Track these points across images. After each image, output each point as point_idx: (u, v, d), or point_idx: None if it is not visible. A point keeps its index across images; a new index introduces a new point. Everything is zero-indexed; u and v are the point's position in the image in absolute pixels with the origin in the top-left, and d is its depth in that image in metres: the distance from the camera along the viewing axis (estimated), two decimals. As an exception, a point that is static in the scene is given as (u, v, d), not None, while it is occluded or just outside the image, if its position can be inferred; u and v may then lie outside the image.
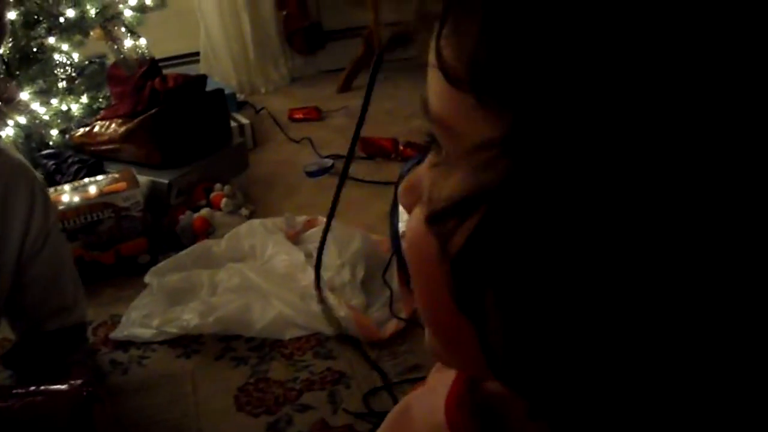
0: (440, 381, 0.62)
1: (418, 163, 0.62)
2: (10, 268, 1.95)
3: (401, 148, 3.53)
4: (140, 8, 3.62)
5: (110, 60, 3.55)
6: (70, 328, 2.16)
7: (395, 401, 1.69)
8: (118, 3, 3.48)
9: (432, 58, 0.43)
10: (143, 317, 2.44)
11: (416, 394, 0.71)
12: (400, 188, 0.54)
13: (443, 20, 0.42)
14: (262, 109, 4.20)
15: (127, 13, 3.56)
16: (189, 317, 2.36)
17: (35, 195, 1.94)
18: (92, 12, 3.30)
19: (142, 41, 3.49)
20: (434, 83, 0.44)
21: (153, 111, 3.06)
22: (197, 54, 4.62)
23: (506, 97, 0.39)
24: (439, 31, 0.43)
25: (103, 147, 3.15)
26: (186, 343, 2.35)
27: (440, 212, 0.43)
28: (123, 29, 3.44)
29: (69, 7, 3.27)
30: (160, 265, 2.65)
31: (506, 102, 0.39)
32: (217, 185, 3.07)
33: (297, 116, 4.16)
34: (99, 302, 2.58)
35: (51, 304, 2.10)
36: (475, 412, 0.57)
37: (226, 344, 2.33)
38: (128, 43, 3.44)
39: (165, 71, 3.36)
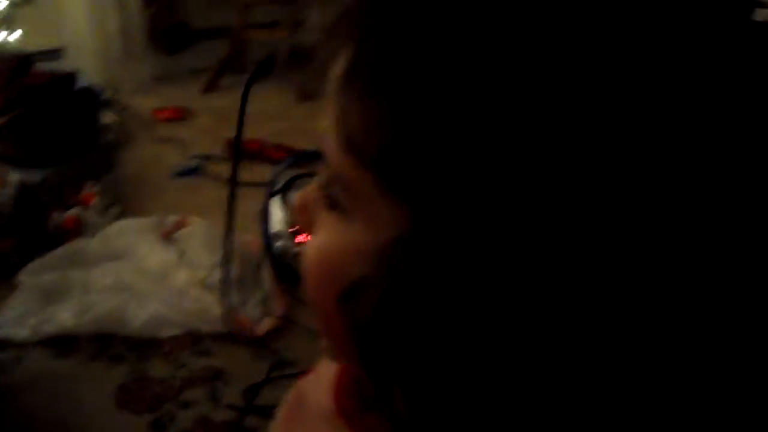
0: (329, 368, 0.70)
1: (291, 165, 0.69)
2: None
3: (267, 148, 3.59)
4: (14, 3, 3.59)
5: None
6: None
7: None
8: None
9: (332, 110, 0.48)
10: (18, 317, 2.44)
11: (308, 380, 0.78)
12: (295, 206, 0.59)
13: (350, 78, 0.48)
14: (127, 107, 4.19)
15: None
16: (65, 316, 2.37)
17: None
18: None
19: (15, 35, 3.47)
20: (332, 139, 0.49)
21: (22, 108, 3.04)
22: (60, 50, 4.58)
23: (408, 191, 0.44)
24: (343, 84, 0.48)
25: (-31, 144, 3.11)
26: (63, 343, 2.36)
27: (346, 293, 0.49)
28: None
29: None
30: (32, 264, 2.64)
31: (407, 195, 0.44)
32: (87, 184, 3.07)
33: (163, 116, 4.18)
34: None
35: None
36: (360, 397, 0.65)
37: (103, 343, 2.35)
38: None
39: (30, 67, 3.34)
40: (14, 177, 2.89)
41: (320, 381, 0.71)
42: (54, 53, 4.43)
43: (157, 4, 4.76)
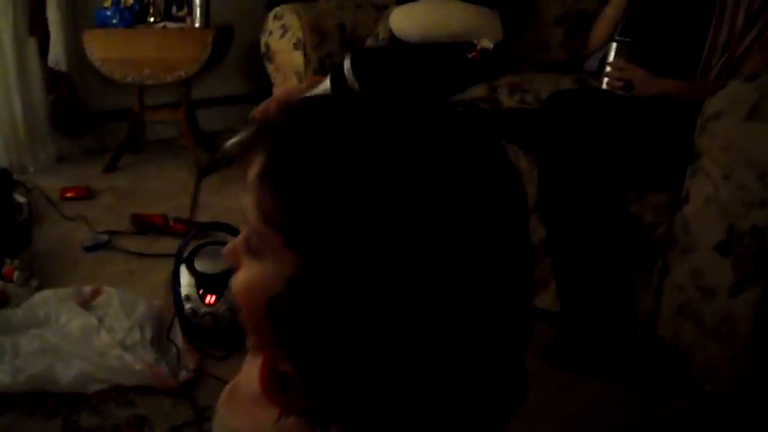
0: (255, 362, 1.03)
1: (195, 236, 1.00)
2: None
3: (171, 223, 3.89)
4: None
5: None
6: None
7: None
8: None
9: (252, 194, 0.80)
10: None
11: (241, 373, 1.11)
12: (226, 252, 0.89)
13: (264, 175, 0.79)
14: (35, 188, 4.42)
15: None
16: (2, 377, 2.61)
17: None
18: None
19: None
20: (253, 212, 0.80)
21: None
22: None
23: (300, 247, 0.76)
24: (260, 179, 0.79)
25: None
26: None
27: (268, 306, 0.80)
28: None
29: None
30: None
31: (299, 249, 0.76)
32: (6, 260, 3.32)
33: (69, 195, 4.43)
34: None
35: None
36: (276, 377, 0.97)
37: (38, 400, 2.58)
38: None
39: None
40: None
41: (250, 372, 1.04)
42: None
43: (59, 88, 5.00)
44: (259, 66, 5.17)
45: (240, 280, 0.84)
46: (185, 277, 2.89)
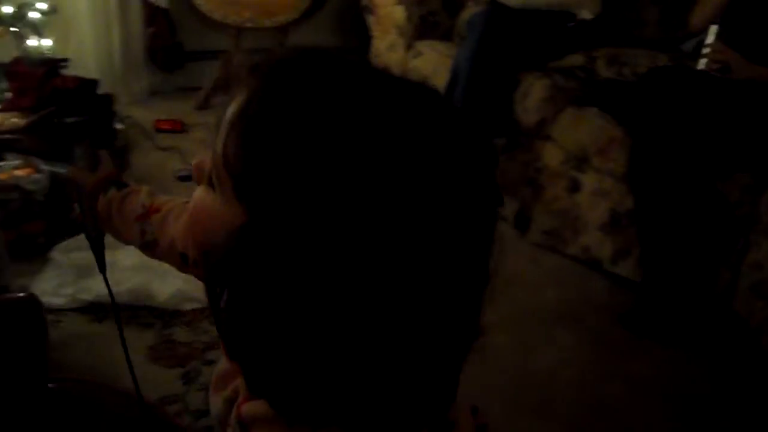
0: None
1: None
2: None
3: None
4: (51, 11, 3.95)
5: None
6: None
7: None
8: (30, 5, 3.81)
9: (221, 134, 0.75)
10: (54, 287, 2.78)
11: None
12: (193, 164, 0.86)
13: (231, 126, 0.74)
14: (128, 117, 4.53)
15: (34, 15, 3.88)
16: (101, 287, 2.72)
17: None
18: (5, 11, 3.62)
19: (46, 42, 3.83)
20: (218, 150, 0.76)
21: (53, 108, 3.39)
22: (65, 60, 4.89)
23: (248, 200, 0.72)
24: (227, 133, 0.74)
25: (3, 137, 3.42)
26: (96, 310, 2.70)
27: (207, 252, 0.78)
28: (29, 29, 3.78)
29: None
30: (64, 243, 3.00)
31: (247, 202, 0.72)
32: (106, 180, 3.43)
33: (163, 127, 4.56)
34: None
35: None
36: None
37: (133, 312, 2.70)
38: (33, 42, 3.78)
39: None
40: (45, 168, 3.23)
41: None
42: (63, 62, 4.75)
43: (157, 23, 5.10)
44: (354, 20, 5.25)
45: (196, 198, 0.82)
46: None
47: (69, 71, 4.34)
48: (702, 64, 3.12)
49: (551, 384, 2.60)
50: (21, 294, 1.91)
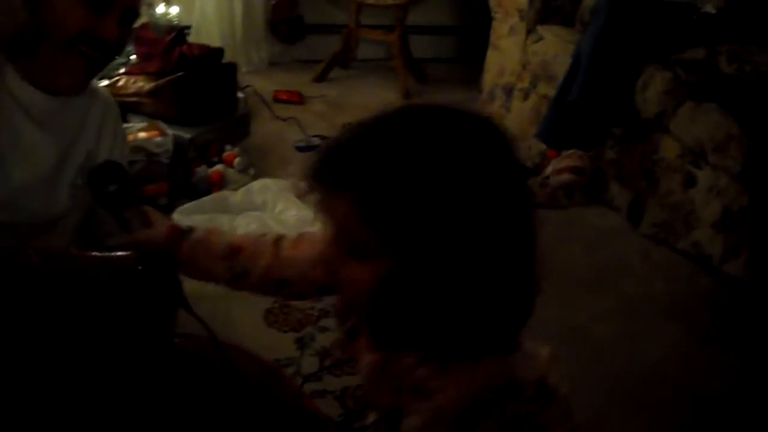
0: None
1: None
2: None
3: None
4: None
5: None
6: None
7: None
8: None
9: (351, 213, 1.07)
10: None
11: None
12: (327, 259, 1.19)
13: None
14: (248, 86, 4.63)
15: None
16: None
17: (117, 128, 2.11)
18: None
19: (174, 9, 3.94)
20: (341, 216, 1.11)
21: (180, 73, 3.49)
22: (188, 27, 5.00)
23: (395, 250, 1.05)
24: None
25: (128, 99, 3.54)
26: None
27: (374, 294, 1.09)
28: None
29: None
30: (185, 206, 3.09)
31: (394, 252, 1.05)
32: (227, 146, 3.53)
33: (282, 97, 4.66)
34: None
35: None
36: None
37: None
38: (160, 9, 3.89)
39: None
40: (170, 132, 3.33)
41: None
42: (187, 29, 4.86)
43: (279, -4, 5.21)
44: (475, 0, 5.27)
45: (350, 275, 1.11)
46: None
47: (191, 39, 4.47)
48: None
49: (653, 378, 2.60)
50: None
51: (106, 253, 1.59)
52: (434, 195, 1.02)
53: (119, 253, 1.65)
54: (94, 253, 1.55)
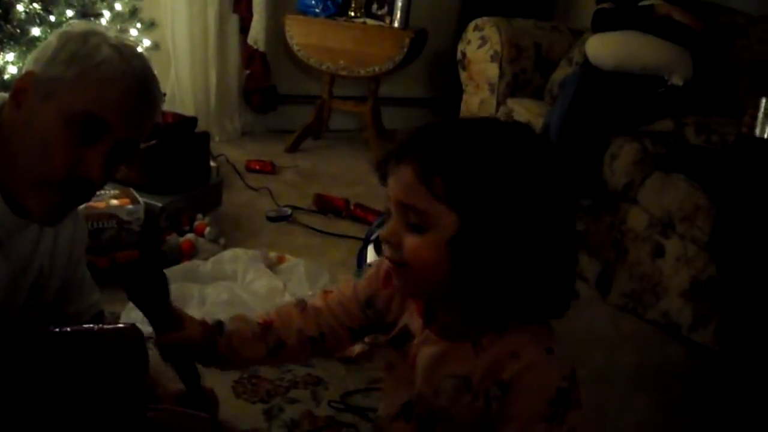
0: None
1: (381, 223, 1.52)
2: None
3: (352, 207, 4.08)
4: (153, 47, 4.09)
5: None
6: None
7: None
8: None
9: (409, 175, 1.25)
10: (144, 317, 2.86)
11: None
12: (386, 236, 1.30)
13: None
14: (221, 155, 4.65)
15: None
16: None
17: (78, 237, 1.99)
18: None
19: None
20: (408, 186, 1.25)
21: (153, 141, 3.50)
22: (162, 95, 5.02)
23: (460, 206, 1.22)
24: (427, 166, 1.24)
25: (100, 168, 3.54)
26: (183, 342, 2.77)
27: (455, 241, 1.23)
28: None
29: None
30: (156, 274, 3.08)
31: (459, 208, 1.22)
32: (199, 215, 3.54)
33: (254, 167, 4.68)
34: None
35: (87, 301, 2.15)
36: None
37: (219, 347, 2.77)
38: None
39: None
40: (141, 200, 3.33)
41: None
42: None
43: (254, 66, 5.25)
44: (444, 73, 5.34)
45: (412, 249, 1.25)
46: (371, 256, 3.04)
47: (165, 107, 4.48)
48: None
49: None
50: (123, 324, 1.96)
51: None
52: (501, 167, 1.22)
53: (89, 326, 1.67)
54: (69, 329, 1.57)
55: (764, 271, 2.87)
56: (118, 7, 3.81)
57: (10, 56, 3.17)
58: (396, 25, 4.95)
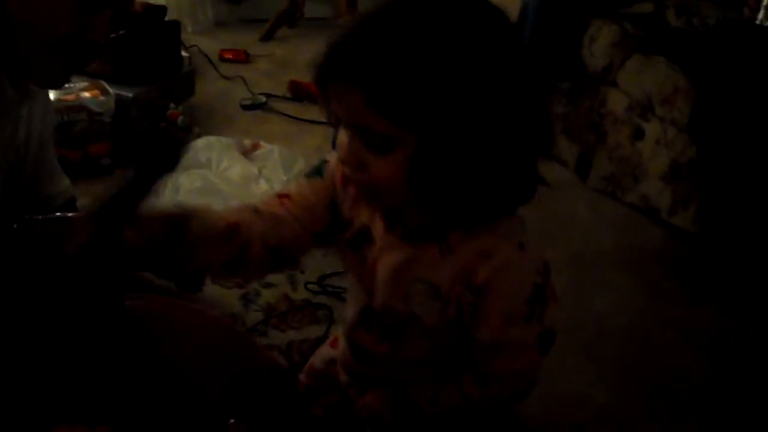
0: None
1: None
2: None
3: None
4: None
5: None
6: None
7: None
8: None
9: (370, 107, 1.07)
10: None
11: None
12: (346, 159, 1.17)
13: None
14: (194, 46, 4.55)
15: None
16: (162, 204, 2.76)
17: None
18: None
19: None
20: (358, 110, 1.08)
21: (121, 31, 3.41)
22: (132, -13, 4.92)
23: (422, 126, 1.08)
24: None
25: (69, 58, 3.47)
26: (157, 229, 2.74)
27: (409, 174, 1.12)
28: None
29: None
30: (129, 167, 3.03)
31: (422, 128, 1.08)
32: (171, 105, 3.47)
33: (227, 56, 4.58)
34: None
35: (58, 187, 2.16)
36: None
37: (194, 234, 2.74)
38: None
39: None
40: (111, 91, 3.26)
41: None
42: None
43: (225, -46, 5.13)
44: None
45: (378, 171, 1.13)
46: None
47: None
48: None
49: (602, 327, 2.61)
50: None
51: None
52: (446, 64, 1.06)
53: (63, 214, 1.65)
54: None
55: (743, 153, 2.85)
56: None
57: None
58: None
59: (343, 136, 1.16)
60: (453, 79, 1.06)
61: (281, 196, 1.40)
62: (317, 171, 1.41)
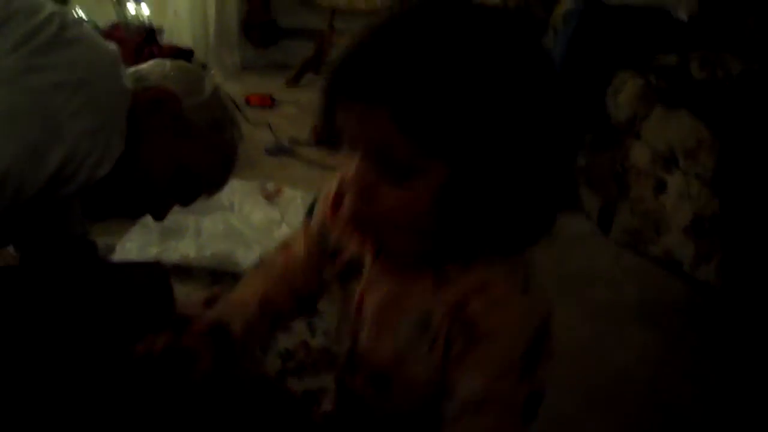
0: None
1: None
2: None
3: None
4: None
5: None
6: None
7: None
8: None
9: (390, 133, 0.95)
10: (139, 247, 2.84)
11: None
12: (359, 191, 1.02)
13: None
14: (221, 89, 4.57)
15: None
16: (187, 250, 2.78)
17: None
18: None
19: (145, 10, 3.91)
20: (383, 133, 0.96)
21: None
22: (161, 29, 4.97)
23: (453, 155, 0.97)
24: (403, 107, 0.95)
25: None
26: (177, 273, 2.74)
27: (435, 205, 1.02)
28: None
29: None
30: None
31: (452, 157, 0.97)
32: (196, 148, 3.49)
33: (254, 101, 4.62)
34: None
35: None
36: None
37: (215, 277, 2.74)
38: (132, 9, 3.86)
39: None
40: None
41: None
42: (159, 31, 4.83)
43: (254, 0, 5.19)
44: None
45: (393, 202, 1.00)
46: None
47: (164, 41, 4.43)
48: None
49: (624, 382, 2.59)
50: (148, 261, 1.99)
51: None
52: (490, 85, 0.95)
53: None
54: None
55: (766, 206, 2.84)
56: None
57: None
58: (397, -43, 4.86)
59: (355, 166, 1.02)
60: (498, 103, 0.95)
61: (284, 247, 1.45)
62: (309, 212, 1.39)
